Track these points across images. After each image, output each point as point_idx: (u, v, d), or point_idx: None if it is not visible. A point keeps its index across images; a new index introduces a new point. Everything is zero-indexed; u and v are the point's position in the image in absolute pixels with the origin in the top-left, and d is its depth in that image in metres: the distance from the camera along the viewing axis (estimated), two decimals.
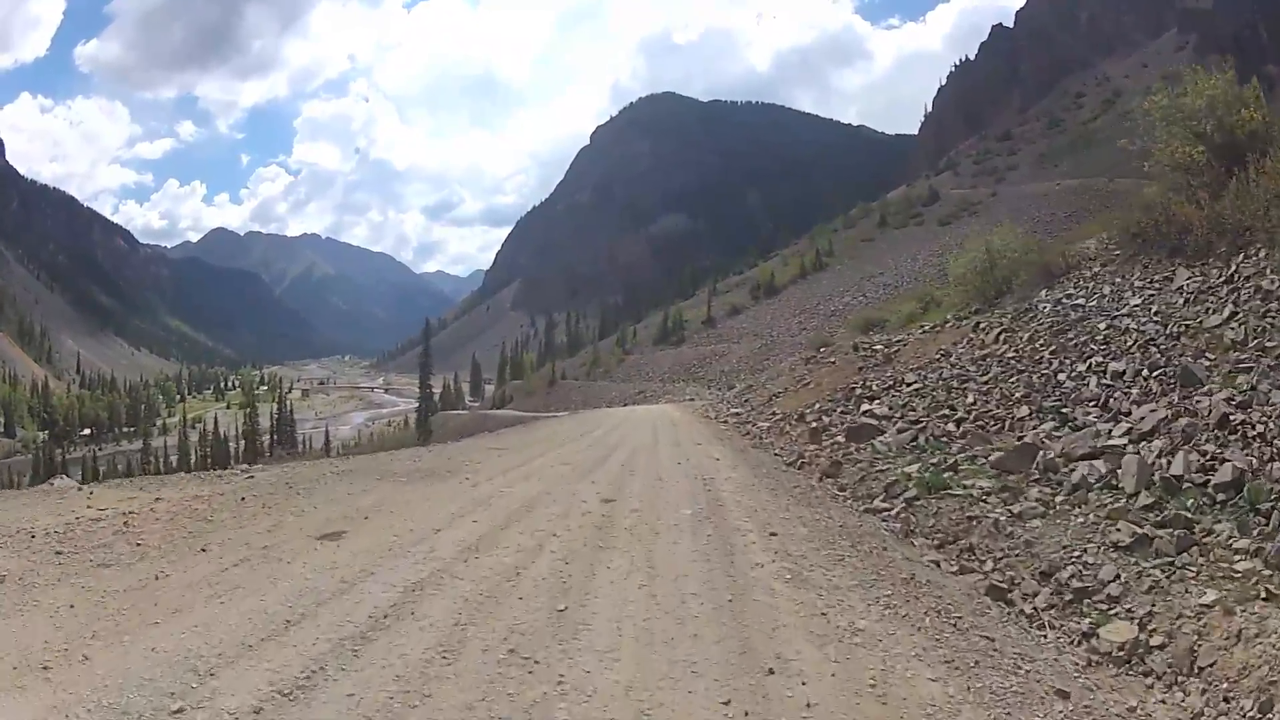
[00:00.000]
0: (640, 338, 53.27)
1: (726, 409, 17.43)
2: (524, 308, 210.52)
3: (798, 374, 16.31)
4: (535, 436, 15.44)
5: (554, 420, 24.43)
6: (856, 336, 17.62)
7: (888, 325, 17.33)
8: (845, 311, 38.43)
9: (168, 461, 48.50)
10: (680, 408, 21.94)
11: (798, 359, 17.47)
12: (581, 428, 16.44)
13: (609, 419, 19.24)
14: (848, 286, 42.74)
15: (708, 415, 17.76)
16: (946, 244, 47.48)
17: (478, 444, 14.24)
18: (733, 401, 18.15)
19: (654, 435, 13.23)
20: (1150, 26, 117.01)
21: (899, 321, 16.89)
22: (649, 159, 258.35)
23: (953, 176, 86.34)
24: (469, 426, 46.22)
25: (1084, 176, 70.17)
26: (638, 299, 76.54)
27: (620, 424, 16.38)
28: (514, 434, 17.29)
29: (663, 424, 15.69)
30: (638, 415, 19.83)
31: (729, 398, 19.85)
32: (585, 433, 15.04)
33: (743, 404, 17.05)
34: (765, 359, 35.63)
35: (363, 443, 73.30)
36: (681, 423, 16.08)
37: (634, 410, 24.00)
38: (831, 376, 13.81)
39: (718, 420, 15.88)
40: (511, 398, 57.28)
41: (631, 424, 16.12)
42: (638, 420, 17.38)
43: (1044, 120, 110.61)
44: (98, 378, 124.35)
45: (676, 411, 20.30)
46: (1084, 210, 54.86)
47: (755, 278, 56.85)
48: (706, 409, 19.21)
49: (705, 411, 18.56)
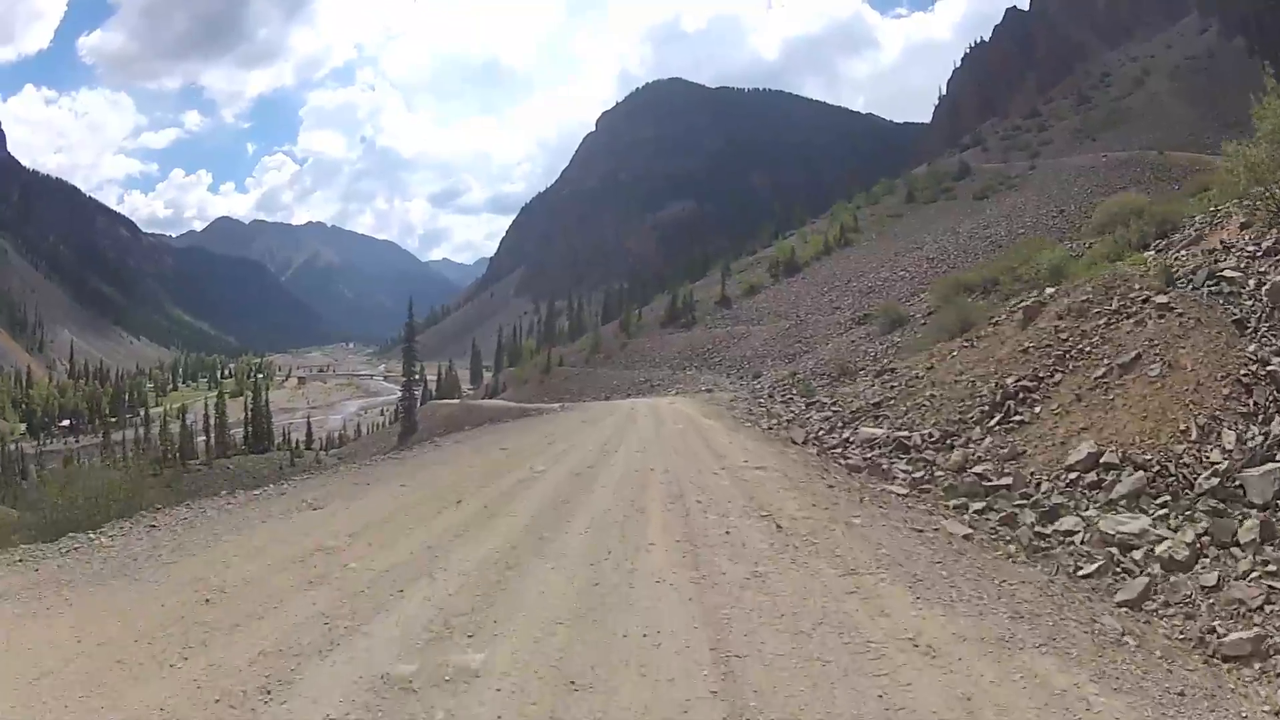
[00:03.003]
0: (646, 320, 48.38)
1: (780, 411, 13.06)
2: (528, 294, 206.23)
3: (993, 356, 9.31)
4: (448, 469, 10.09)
5: (517, 424, 18.97)
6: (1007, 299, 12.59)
7: (1038, 279, 12.05)
8: (885, 288, 33.53)
9: (124, 455, 44.19)
10: (698, 403, 17.09)
11: (936, 339, 12.35)
12: (548, 442, 11.83)
13: (595, 426, 14.10)
14: (882, 262, 37.89)
15: (747, 418, 13.09)
16: (990, 217, 42.64)
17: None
18: (776, 394, 13.46)
19: (675, 484, 7.47)
20: (1169, 9, 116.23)
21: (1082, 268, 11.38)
22: (655, 145, 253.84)
23: (981, 153, 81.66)
24: (457, 417, 41.93)
25: (1125, 150, 65.53)
26: (644, 283, 71.55)
27: (612, 439, 11.43)
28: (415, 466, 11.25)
29: (679, 437, 11.21)
30: (642, 417, 14.87)
31: (766, 389, 15.04)
32: (543, 463, 9.45)
33: (812, 407, 12.21)
34: (797, 341, 30.69)
35: (347, 438, 69.07)
36: (721, 442, 10.72)
37: (636, 407, 18.26)
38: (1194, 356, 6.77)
39: (778, 433, 11.07)
40: (505, 386, 52.68)
41: (632, 438, 11.31)
42: (643, 430, 12.44)
43: (1071, 98, 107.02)
44: (85, 368, 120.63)
45: (693, 409, 15.49)
46: (1138, 181, 50.10)
47: (772, 256, 51.87)
48: (735, 406, 14.66)
49: (737, 410, 14.21)
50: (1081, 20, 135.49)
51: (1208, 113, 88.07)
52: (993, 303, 11.39)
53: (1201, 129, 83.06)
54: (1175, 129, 78.80)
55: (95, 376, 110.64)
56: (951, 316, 11.27)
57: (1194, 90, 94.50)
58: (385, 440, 48.99)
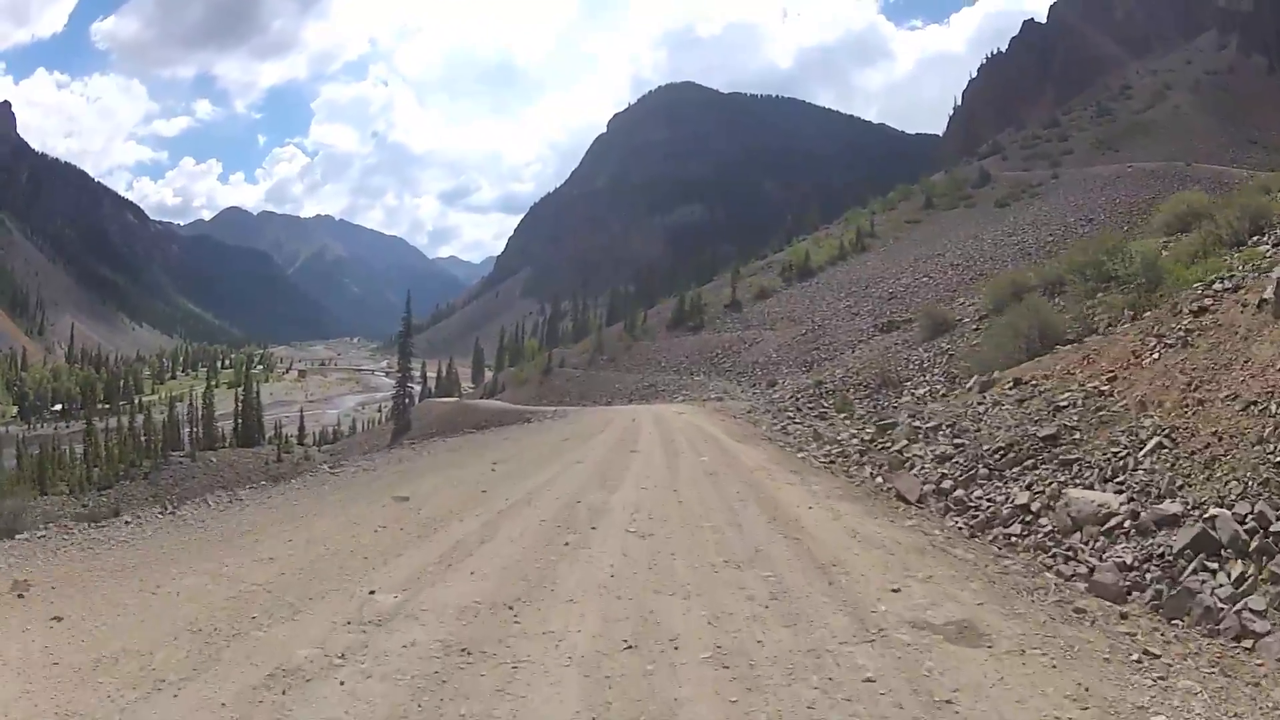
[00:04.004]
0: (652, 323, 46.57)
1: (824, 430, 10.84)
2: (534, 295, 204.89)
3: None
4: None
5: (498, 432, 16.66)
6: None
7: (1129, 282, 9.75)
8: (907, 294, 31.66)
9: (106, 447, 42.68)
10: (711, 414, 14.69)
11: (1012, 345, 9.92)
12: (480, 490, 7.94)
13: (578, 450, 11.16)
14: (902, 268, 36.10)
15: (784, 439, 10.87)
16: (1015, 224, 40.86)
17: None
18: (804, 406, 11.50)
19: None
20: (1187, 26, 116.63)
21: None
22: (666, 148, 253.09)
23: (1000, 161, 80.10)
24: (451, 416, 40.35)
25: (1148, 162, 63.91)
26: (650, 286, 69.78)
27: (591, 485, 8.04)
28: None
29: (711, 487, 7.88)
30: (646, 435, 12.20)
31: (788, 398, 13.06)
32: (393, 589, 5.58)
33: (888, 432, 9.53)
34: (814, 348, 28.82)
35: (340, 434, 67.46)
36: (789, 504, 7.27)
37: (639, 418, 15.21)
38: None
39: (856, 473, 8.59)
40: (504, 386, 50.93)
41: (628, 487, 7.88)
42: (648, 465, 9.36)
43: (1091, 110, 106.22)
44: (83, 353, 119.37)
45: (713, 423, 12.92)
46: (1169, 192, 48.11)
47: (784, 260, 50.06)
48: (759, 421, 12.34)
49: (763, 425, 11.90)
50: (1100, 34, 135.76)
51: (1230, 127, 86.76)
52: (1088, 306, 9.48)
53: (1225, 143, 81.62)
54: (1198, 142, 77.52)
55: (92, 362, 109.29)
56: (1025, 320, 9.42)
57: (1216, 105, 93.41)
58: (379, 438, 47.43)
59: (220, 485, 24.47)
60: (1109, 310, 9.20)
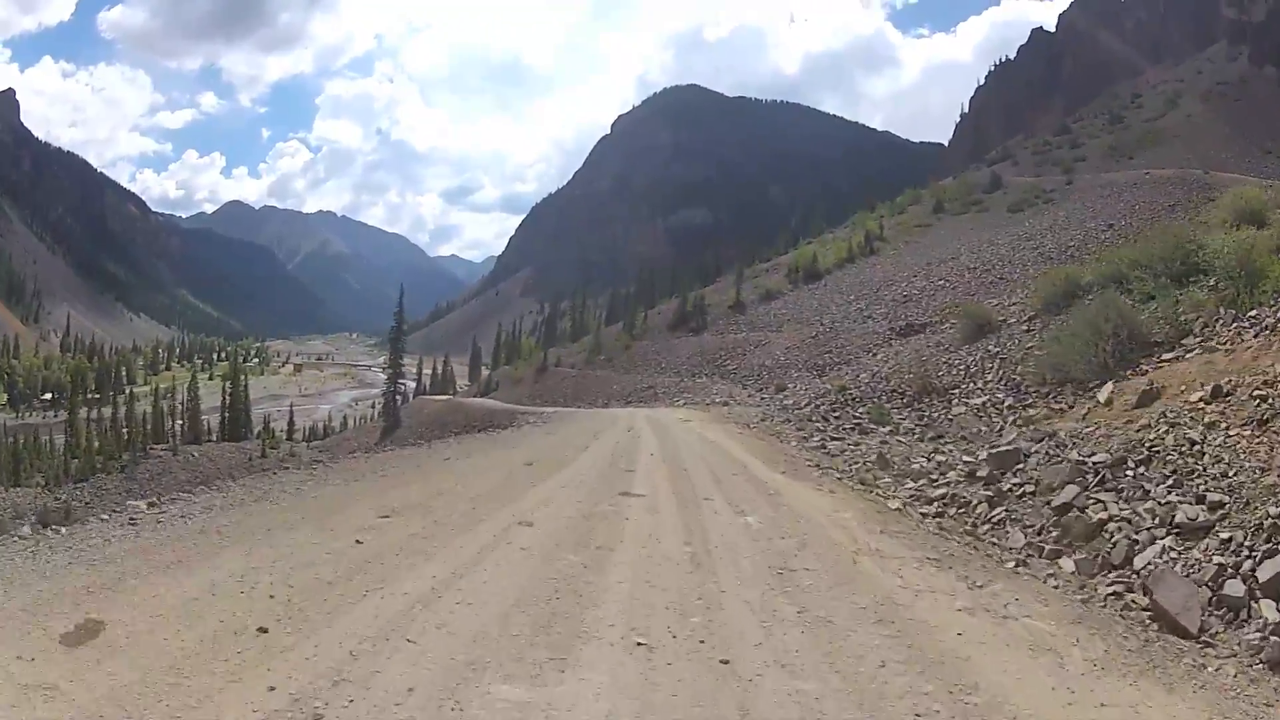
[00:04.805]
0: (653, 323, 45.18)
1: (883, 448, 8.52)
2: (534, 294, 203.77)
3: None
4: None
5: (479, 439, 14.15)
6: None
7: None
8: (922, 297, 30.29)
9: (86, 438, 41.27)
10: (719, 421, 12.50)
11: (1092, 346, 8.10)
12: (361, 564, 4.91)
13: (558, 472, 8.57)
14: (915, 271, 34.79)
15: (828, 465, 8.42)
16: (1032, 229, 39.56)
17: None
18: (828, 415, 9.78)
19: None
20: (1197, 37, 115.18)
21: None
22: (670, 150, 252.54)
23: (1011, 166, 79.03)
24: (442, 415, 39.09)
25: (1163, 169, 62.77)
26: (652, 286, 68.33)
27: (571, 528, 6.03)
28: None
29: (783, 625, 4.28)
30: (644, 450, 9.97)
31: (806, 405, 11.40)
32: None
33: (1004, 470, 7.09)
34: (826, 351, 27.30)
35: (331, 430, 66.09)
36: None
37: (637, 426, 13.22)
38: None
39: (998, 549, 5.83)
40: (498, 385, 49.52)
41: (628, 531, 5.92)
42: (651, 497, 7.19)
43: (1103, 117, 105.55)
44: (77, 342, 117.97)
45: (728, 436, 10.68)
46: (1187, 199, 47.22)
47: (791, 261, 48.71)
48: (785, 436, 10.04)
49: (789, 440, 9.41)
50: (1110, 44, 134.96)
51: (1244, 137, 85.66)
52: (1171, 305, 8.03)
53: (1239, 153, 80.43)
54: (1213, 151, 76.43)
55: (86, 351, 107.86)
56: (1108, 319, 7.97)
57: (1230, 114, 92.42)
58: (369, 435, 46.17)
59: (199, 481, 23.23)
60: (1197, 309, 7.78)
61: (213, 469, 36.29)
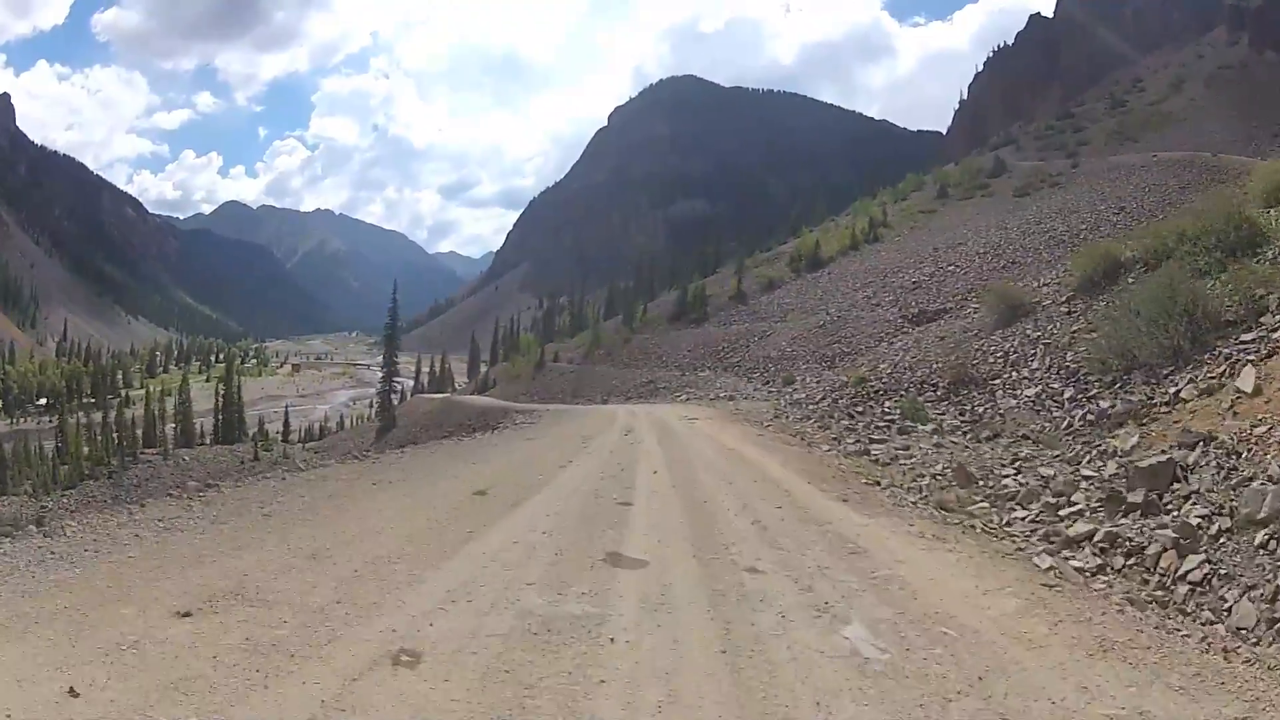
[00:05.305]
0: (652, 316, 44.16)
1: (977, 465, 6.81)
2: (533, 289, 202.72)
3: None
4: None
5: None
6: None
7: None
8: (931, 283, 29.26)
9: (76, 443, 40.29)
10: (733, 424, 11.06)
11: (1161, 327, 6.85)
12: None
13: (524, 502, 6.49)
14: (922, 257, 33.79)
15: (883, 481, 6.72)
16: (1041, 213, 38.59)
17: None
18: (851, 411, 8.68)
19: None
20: (1197, 22, 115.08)
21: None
22: (668, 142, 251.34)
23: (1014, 151, 78.01)
24: (437, 414, 38.27)
25: (1169, 152, 61.75)
26: (651, 279, 67.24)
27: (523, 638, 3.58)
28: None
29: None
30: (645, 460, 8.67)
31: (820, 398, 10.33)
32: None
33: None
34: (834, 341, 26.28)
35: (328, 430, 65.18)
36: None
37: (637, 428, 11.74)
38: None
39: None
40: (495, 382, 48.57)
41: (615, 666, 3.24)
42: (658, 553, 4.94)
43: (1104, 102, 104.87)
44: (74, 346, 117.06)
45: (744, 441, 9.24)
46: (1198, 182, 46.41)
47: (793, 250, 47.62)
48: (814, 442, 8.77)
49: (801, 436, 8.29)
50: (1109, 29, 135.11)
51: (1248, 120, 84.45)
52: (1263, 277, 7.05)
53: (1245, 136, 79.23)
54: (1218, 134, 75.42)
55: (82, 355, 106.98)
56: (1180, 297, 6.95)
57: (1232, 98, 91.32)
58: (364, 436, 45.30)
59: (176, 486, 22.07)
60: (1264, 284, 6.83)
61: (203, 473, 35.38)
